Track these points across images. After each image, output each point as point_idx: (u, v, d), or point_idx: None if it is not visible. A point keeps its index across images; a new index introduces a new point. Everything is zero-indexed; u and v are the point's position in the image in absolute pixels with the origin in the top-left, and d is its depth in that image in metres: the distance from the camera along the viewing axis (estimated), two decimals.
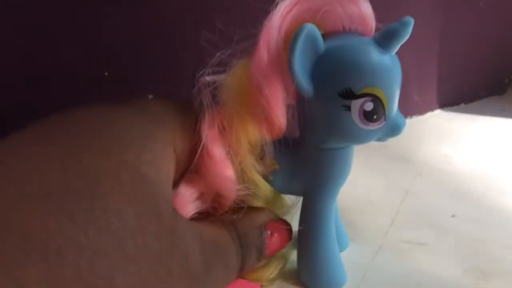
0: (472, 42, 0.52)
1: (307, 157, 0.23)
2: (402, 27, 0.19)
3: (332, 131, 0.21)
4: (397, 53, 0.20)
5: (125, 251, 0.15)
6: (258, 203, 0.23)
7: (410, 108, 0.49)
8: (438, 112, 0.51)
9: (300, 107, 0.22)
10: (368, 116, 0.20)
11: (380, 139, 0.22)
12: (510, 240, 0.28)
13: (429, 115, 0.51)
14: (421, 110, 0.50)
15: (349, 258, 0.27)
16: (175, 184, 0.20)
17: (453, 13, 0.49)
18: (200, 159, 0.20)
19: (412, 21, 0.19)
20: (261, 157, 0.22)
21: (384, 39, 0.20)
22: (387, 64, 0.20)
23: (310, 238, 0.24)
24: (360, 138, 0.21)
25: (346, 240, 0.28)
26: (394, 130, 0.21)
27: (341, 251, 0.26)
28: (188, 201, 0.20)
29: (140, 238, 0.16)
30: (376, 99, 0.20)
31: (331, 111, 0.20)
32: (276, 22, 0.20)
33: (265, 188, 0.22)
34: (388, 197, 0.34)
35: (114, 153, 0.17)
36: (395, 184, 0.35)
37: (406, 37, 0.20)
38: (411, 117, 0.49)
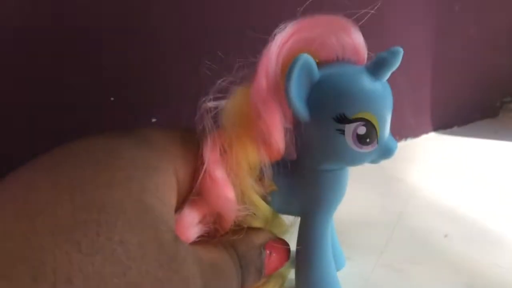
0: (464, 67, 0.53)
1: (304, 179, 0.24)
2: (391, 56, 0.21)
3: (327, 154, 0.22)
4: (391, 78, 0.22)
5: (129, 278, 0.16)
6: (257, 224, 0.23)
7: (405, 130, 0.50)
8: (432, 134, 0.52)
9: (297, 131, 0.23)
10: (361, 140, 0.21)
11: (373, 161, 0.23)
12: (503, 259, 0.29)
13: (423, 137, 0.52)
14: (416, 132, 0.51)
15: (345, 277, 0.27)
16: (178, 208, 0.21)
17: (445, 40, 0.50)
18: (203, 181, 0.21)
19: (401, 51, 0.21)
20: (259, 179, 0.22)
21: (375, 68, 0.21)
22: (379, 91, 0.21)
23: (307, 257, 0.25)
24: (354, 160, 0.22)
25: (343, 259, 0.29)
26: (386, 153, 0.22)
27: (337, 270, 0.27)
28: (191, 224, 0.21)
29: (143, 265, 0.16)
30: (369, 124, 0.21)
31: (326, 134, 0.21)
32: (274, 52, 0.21)
33: (263, 208, 0.23)
34: (383, 217, 0.34)
35: (118, 185, 0.17)
36: (390, 205, 0.36)
37: (396, 65, 0.21)
38: (405, 139, 0.50)
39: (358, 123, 0.21)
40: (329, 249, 0.25)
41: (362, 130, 0.21)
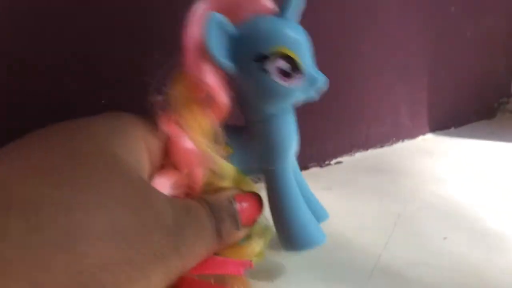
0: (461, 68, 0.53)
1: (253, 133, 0.26)
2: None
3: (262, 97, 0.24)
4: (389, 80, 0.22)
5: (100, 201, 0.17)
6: (226, 184, 0.25)
7: (402, 132, 0.50)
8: (429, 136, 0.52)
9: (233, 89, 0.24)
10: (286, 73, 0.23)
11: (307, 95, 0.24)
12: (503, 263, 0.29)
13: (420, 138, 0.51)
14: (413, 134, 0.51)
15: (343, 281, 0.27)
16: (151, 177, 0.23)
17: (442, 41, 0.50)
18: (170, 151, 0.23)
19: None
20: (216, 142, 0.24)
21: (282, 11, 0.24)
22: (287, 27, 0.23)
23: (278, 205, 0.26)
24: (288, 96, 0.24)
25: (324, 211, 0.30)
26: (313, 82, 0.24)
27: (322, 221, 0.29)
28: (164, 187, 0.23)
29: (114, 191, 0.18)
30: (287, 57, 0.23)
31: (255, 79, 0.23)
32: (195, 22, 0.23)
33: (227, 167, 0.24)
34: (381, 220, 0.34)
35: (91, 141, 0.20)
36: (388, 208, 0.36)
37: (298, 3, 0.24)
38: (403, 141, 0.50)
39: (277, 58, 0.23)
40: (296, 192, 0.26)
41: (282, 64, 0.23)
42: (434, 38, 0.49)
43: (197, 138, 0.24)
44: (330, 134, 0.44)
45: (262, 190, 0.26)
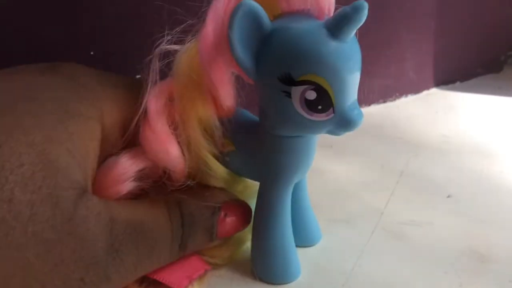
0: (468, 20, 0.51)
1: (263, 142, 0.22)
2: (353, 12, 0.17)
3: (277, 118, 0.20)
4: (393, 30, 0.19)
5: (12, 239, 0.15)
6: (216, 183, 0.22)
7: (406, 86, 0.48)
8: (434, 90, 0.51)
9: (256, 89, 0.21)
10: (312, 106, 0.19)
11: (331, 132, 0.20)
12: (508, 220, 0.28)
13: (425, 93, 0.50)
14: (417, 88, 0.50)
15: (344, 240, 0.26)
16: (107, 156, 0.20)
17: None
18: (142, 132, 0.20)
19: (365, 5, 0.17)
20: (212, 136, 0.21)
21: (334, 25, 0.18)
22: (334, 52, 0.18)
23: (263, 228, 0.23)
24: (306, 128, 0.20)
25: (318, 232, 0.26)
26: (346, 124, 0.19)
27: (312, 245, 0.26)
28: (124, 176, 0.20)
29: (30, 226, 0.16)
30: (320, 89, 0.18)
31: (273, 95, 0.19)
32: (221, 4, 0.19)
33: (216, 167, 0.22)
34: (383, 177, 0.33)
35: (21, 132, 0.16)
36: (390, 165, 0.35)
37: (359, 23, 0.18)
38: (406, 95, 0.49)
39: (305, 86, 0.18)
40: (287, 221, 0.23)
41: (311, 95, 0.18)
42: None
43: (187, 124, 0.20)
44: None
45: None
